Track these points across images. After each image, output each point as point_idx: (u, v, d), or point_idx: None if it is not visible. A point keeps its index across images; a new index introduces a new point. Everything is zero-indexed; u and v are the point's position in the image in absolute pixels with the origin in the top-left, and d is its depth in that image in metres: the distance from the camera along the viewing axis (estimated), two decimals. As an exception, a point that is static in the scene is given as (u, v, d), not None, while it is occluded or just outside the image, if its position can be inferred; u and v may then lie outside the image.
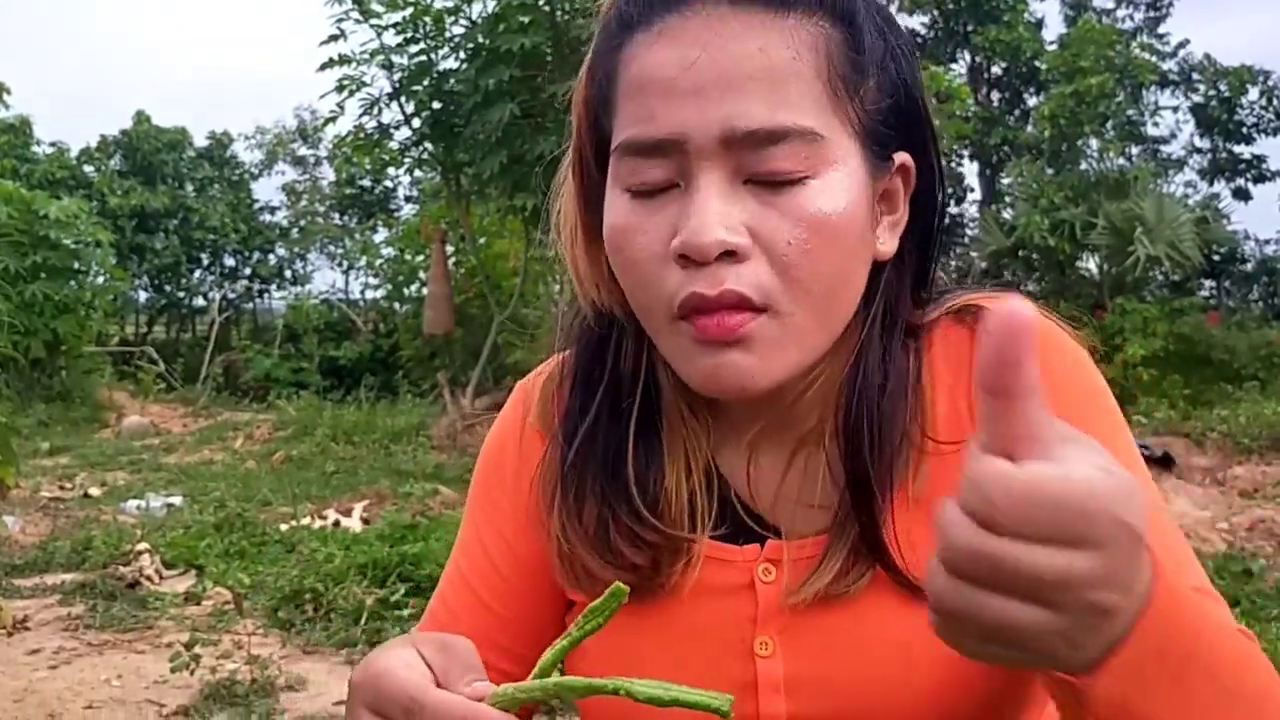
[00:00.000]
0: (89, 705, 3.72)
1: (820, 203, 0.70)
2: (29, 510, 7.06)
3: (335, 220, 20.99)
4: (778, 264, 0.70)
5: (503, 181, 8.30)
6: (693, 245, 0.69)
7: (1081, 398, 0.76)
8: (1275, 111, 17.30)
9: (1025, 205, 13.51)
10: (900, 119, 0.75)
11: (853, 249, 0.72)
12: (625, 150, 0.73)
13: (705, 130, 0.69)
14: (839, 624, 0.77)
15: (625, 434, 0.81)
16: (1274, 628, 4.11)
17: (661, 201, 0.72)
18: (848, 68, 0.71)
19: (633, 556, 0.79)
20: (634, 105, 0.72)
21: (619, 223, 0.74)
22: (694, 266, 0.70)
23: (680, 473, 0.81)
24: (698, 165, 0.70)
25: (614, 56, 0.75)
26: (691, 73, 0.69)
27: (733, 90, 0.69)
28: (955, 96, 10.17)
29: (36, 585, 5.25)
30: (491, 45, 7.89)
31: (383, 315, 16.77)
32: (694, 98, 0.69)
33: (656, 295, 0.73)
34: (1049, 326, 0.79)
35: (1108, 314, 11.98)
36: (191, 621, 4.65)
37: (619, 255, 0.75)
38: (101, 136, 19.40)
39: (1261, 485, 7.01)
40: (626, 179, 0.73)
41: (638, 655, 0.80)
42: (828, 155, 0.70)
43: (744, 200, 0.70)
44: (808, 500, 0.79)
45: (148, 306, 20.19)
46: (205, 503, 7.00)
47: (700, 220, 0.69)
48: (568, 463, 0.82)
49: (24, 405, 11.92)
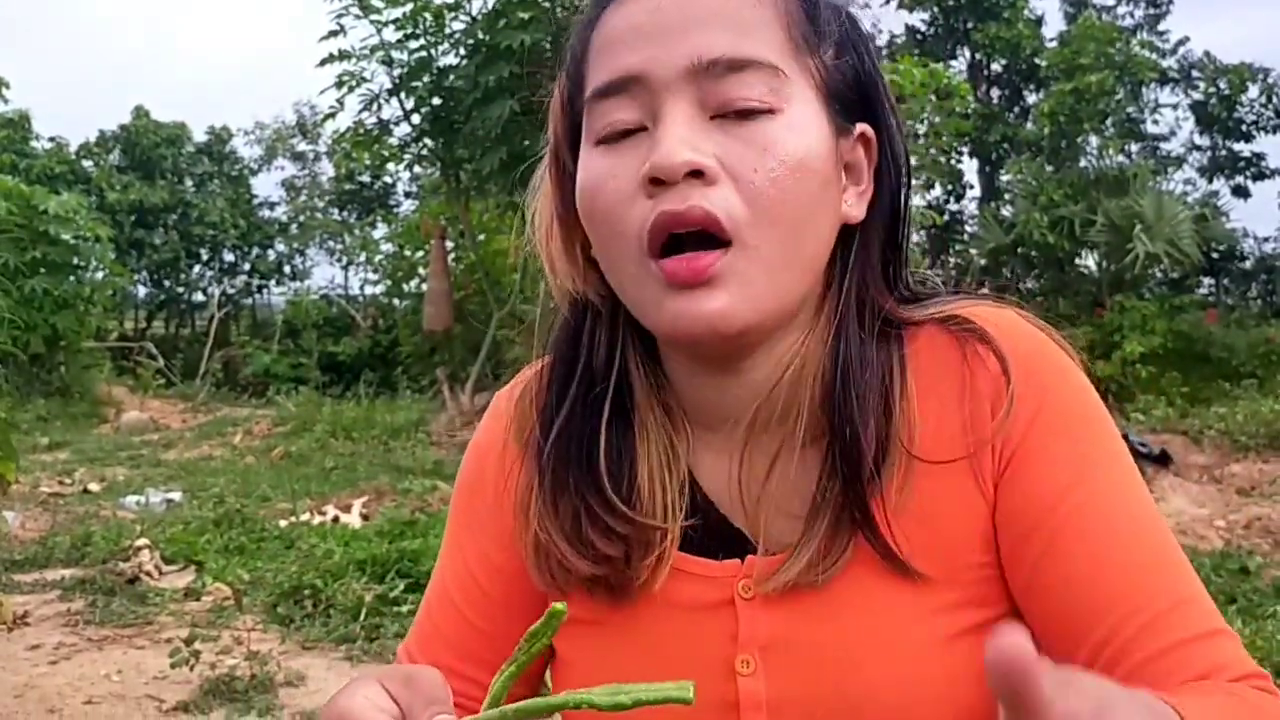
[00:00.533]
0: (89, 700, 3.73)
1: (785, 136, 0.71)
2: (29, 506, 7.07)
3: (334, 216, 20.97)
4: (745, 191, 0.71)
5: (502, 178, 8.30)
6: (660, 165, 0.70)
7: (1081, 426, 0.75)
8: (1275, 109, 17.29)
9: (1024, 202, 13.50)
10: (860, 90, 0.77)
11: (819, 190, 0.73)
12: (593, 98, 0.75)
13: (670, 63, 0.71)
14: (824, 640, 0.75)
15: (598, 425, 0.80)
16: (1270, 624, 4.12)
17: (630, 144, 0.73)
18: (807, 25, 0.74)
19: (605, 548, 0.78)
20: (602, 59, 0.75)
21: (589, 175, 0.75)
22: (663, 189, 0.70)
23: (653, 468, 0.80)
24: (663, 99, 0.72)
25: (587, 33, 0.77)
26: (657, 16, 0.73)
27: (697, 26, 0.72)
28: (955, 93, 10.16)
29: (36, 581, 5.26)
30: (491, 42, 7.88)
31: (382, 311, 16.76)
32: (659, 36, 0.72)
33: (625, 233, 0.73)
34: (1046, 346, 0.77)
35: (1106, 311, 11.99)
36: (191, 617, 4.66)
37: (591, 207, 0.75)
38: (100, 131, 19.38)
39: (1259, 483, 7.02)
40: (596, 130, 0.74)
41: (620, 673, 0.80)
42: (790, 93, 0.72)
43: (711, 132, 0.71)
44: (790, 509, 0.77)
45: (147, 302, 20.17)
46: (205, 498, 7.01)
47: (668, 143, 0.70)
48: (544, 454, 0.82)
49: (23, 400, 11.92)
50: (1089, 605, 0.71)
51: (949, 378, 0.77)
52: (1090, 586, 0.71)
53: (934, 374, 0.77)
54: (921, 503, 0.75)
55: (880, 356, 0.77)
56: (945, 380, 0.77)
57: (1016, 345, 0.76)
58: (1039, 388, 0.75)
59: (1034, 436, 0.74)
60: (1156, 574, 0.71)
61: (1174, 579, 0.72)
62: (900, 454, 0.74)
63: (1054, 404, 0.75)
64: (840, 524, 0.74)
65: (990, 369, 0.75)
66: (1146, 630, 0.70)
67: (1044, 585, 0.73)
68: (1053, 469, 0.74)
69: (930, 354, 0.78)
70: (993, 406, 0.75)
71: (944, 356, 0.77)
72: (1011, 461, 0.74)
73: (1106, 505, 0.73)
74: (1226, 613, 4.31)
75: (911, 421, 0.75)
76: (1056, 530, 0.73)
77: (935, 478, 0.75)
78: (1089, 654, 0.71)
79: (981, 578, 0.75)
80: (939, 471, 0.75)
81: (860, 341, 0.77)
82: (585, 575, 0.79)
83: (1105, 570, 0.71)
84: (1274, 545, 5.68)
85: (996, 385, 0.75)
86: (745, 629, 0.77)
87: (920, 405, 0.76)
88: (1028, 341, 0.77)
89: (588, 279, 0.81)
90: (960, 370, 0.76)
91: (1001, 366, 0.75)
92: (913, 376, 0.77)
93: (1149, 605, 0.70)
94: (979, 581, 0.75)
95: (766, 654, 0.77)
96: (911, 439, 0.75)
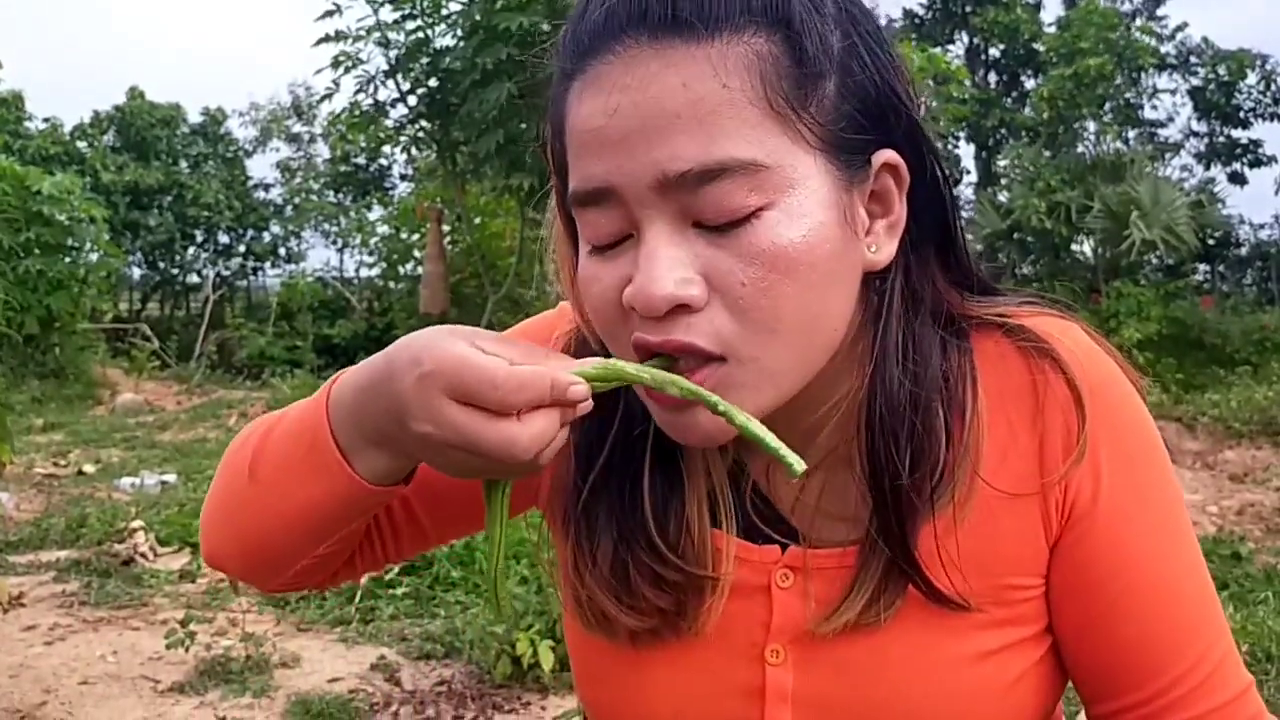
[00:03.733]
0: (84, 681, 3.74)
1: (776, 234, 0.65)
2: (23, 487, 7.07)
3: (330, 198, 20.90)
4: (735, 308, 0.65)
5: (499, 161, 8.26)
6: (641, 300, 0.65)
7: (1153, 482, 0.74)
8: (1273, 96, 17.26)
9: (1021, 188, 13.49)
10: (873, 117, 0.69)
11: (825, 274, 0.67)
12: (574, 203, 0.70)
13: (638, 178, 0.65)
14: (857, 647, 0.74)
15: (640, 464, 0.76)
16: (1261, 610, 4.14)
17: (617, 253, 0.69)
18: (789, 83, 0.65)
19: (655, 600, 0.75)
20: (574, 160, 0.69)
21: (582, 275, 0.71)
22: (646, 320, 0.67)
23: (700, 502, 0.76)
24: (640, 214, 0.66)
25: (561, 106, 0.71)
26: (616, 120, 0.65)
27: (658, 132, 0.64)
28: (953, 78, 10.13)
29: (31, 562, 5.26)
30: (489, 24, 7.83)
31: (377, 294, 16.73)
32: (623, 145, 0.65)
33: (619, 343, 0.70)
34: (1115, 376, 0.75)
35: (1103, 298, 12.00)
36: (186, 599, 4.67)
37: (586, 306, 0.73)
38: (95, 112, 19.26)
39: (1252, 469, 7.05)
40: (585, 234, 0.71)
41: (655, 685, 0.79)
42: (778, 182, 0.65)
43: (693, 243, 0.66)
44: (835, 511, 0.76)
45: (141, 284, 20.11)
46: (200, 480, 7.00)
47: (646, 275, 0.65)
48: (581, 500, 0.78)
49: (18, 382, 11.89)
50: (1139, 664, 0.73)
51: (1019, 400, 0.74)
52: (1143, 648, 0.73)
53: (1002, 392, 0.74)
54: (978, 521, 0.72)
55: (947, 365, 0.73)
56: (1014, 402, 0.74)
57: (1089, 375, 0.73)
58: (1113, 430, 0.73)
59: (1107, 491, 0.73)
60: (1204, 635, 0.74)
61: (1216, 637, 0.74)
62: (964, 476, 0.71)
63: (1128, 455, 0.73)
64: (892, 571, 0.72)
65: (1060, 398, 0.73)
66: (1191, 695, 0.72)
67: (1097, 638, 0.74)
68: (1126, 531, 0.73)
69: (998, 369, 0.75)
70: (1063, 441, 0.72)
71: (1013, 374, 0.74)
72: (1082, 509, 0.73)
73: (1171, 572, 0.74)
74: (1219, 598, 4.35)
75: (979, 442, 0.72)
76: (1121, 593, 0.73)
77: (996, 500, 0.72)
78: (1128, 706, 0.73)
79: (1023, 599, 0.75)
80: (1002, 496, 0.72)
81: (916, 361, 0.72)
82: (634, 629, 0.77)
83: (1162, 635, 0.73)
84: (1266, 531, 5.70)
85: (1067, 418, 0.72)
86: (779, 618, 0.76)
87: (990, 425, 0.73)
88: (1098, 371, 0.74)
89: None
90: (1031, 393, 0.73)
91: (1075, 398, 0.72)
92: (983, 392, 0.73)
93: (1196, 670, 0.72)
94: (1020, 602, 0.75)
95: (796, 648, 0.76)
96: (977, 461, 0.72)
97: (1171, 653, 0.73)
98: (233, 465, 0.79)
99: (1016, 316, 0.76)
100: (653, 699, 0.79)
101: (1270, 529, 5.74)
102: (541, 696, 3.54)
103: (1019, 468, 0.73)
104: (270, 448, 0.76)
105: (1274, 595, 4.34)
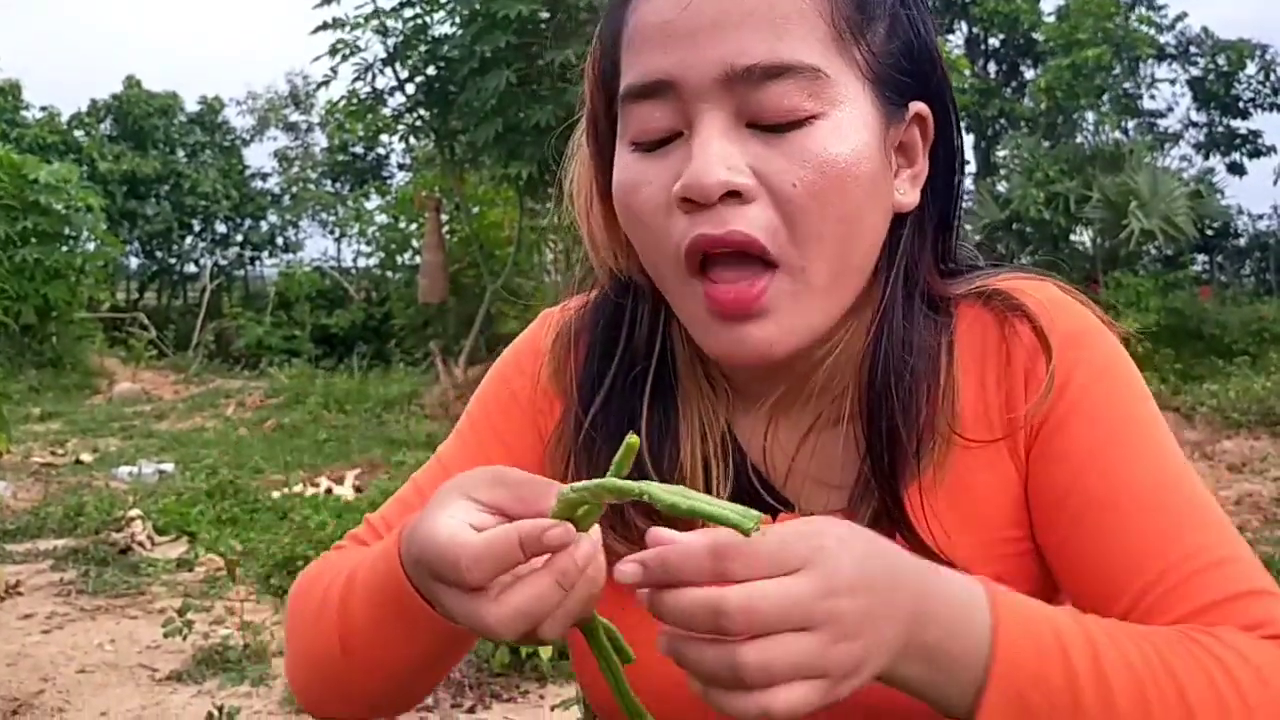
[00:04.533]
0: (81, 669, 3.73)
1: (827, 143, 0.68)
2: (21, 476, 7.06)
3: (327, 187, 20.87)
4: (785, 208, 0.68)
5: (497, 150, 8.24)
6: (694, 186, 0.67)
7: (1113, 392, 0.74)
8: (1272, 86, 17.24)
9: (1020, 178, 13.48)
10: (914, 66, 0.73)
11: (866, 194, 0.70)
12: (627, 98, 0.72)
13: (703, 70, 0.68)
14: None
15: (639, 403, 0.79)
16: (1259, 600, 4.14)
17: (665, 152, 0.70)
18: (853, 9, 0.70)
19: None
20: (635, 55, 0.71)
21: (624, 178, 0.73)
22: (698, 210, 0.68)
23: (695, 441, 0.78)
24: (697, 109, 0.68)
25: (621, 13, 0.74)
26: (688, 14, 0.68)
27: (730, 28, 0.67)
28: (953, 68, 10.11)
29: (29, 550, 5.26)
30: (487, 11, 7.80)
31: (375, 283, 16.71)
32: (690, 39, 0.68)
33: (663, 248, 0.71)
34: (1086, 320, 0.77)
35: (1101, 288, 12.00)
36: (184, 588, 4.67)
37: (626, 212, 0.74)
38: (92, 101, 19.22)
39: (1250, 460, 7.06)
40: (631, 132, 0.72)
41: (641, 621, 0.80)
42: (833, 95, 0.68)
43: (747, 142, 0.68)
44: (824, 478, 0.77)
45: (139, 273, 20.08)
46: (197, 470, 7.00)
47: (702, 161, 0.67)
48: (583, 433, 0.79)
49: (15, 371, 11.89)
50: (1124, 564, 0.70)
51: (990, 356, 0.76)
52: (1125, 546, 0.71)
53: (976, 354, 0.77)
54: (956, 479, 0.74)
55: (928, 340, 0.76)
56: (986, 360, 0.76)
57: (1056, 321, 0.75)
58: (1075, 363, 0.74)
59: (1066, 405, 0.74)
60: (1194, 533, 0.70)
61: (1213, 539, 0.70)
62: (941, 435, 0.74)
63: (1088, 373, 0.74)
64: (880, 520, 0.73)
65: (1025, 344, 0.75)
66: (1181, 587, 0.68)
67: (1078, 548, 0.72)
68: (1086, 433, 0.73)
69: (973, 334, 0.77)
70: (1026, 381, 0.75)
71: (986, 335, 0.77)
72: (1043, 429, 0.74)
73: (1141, 467, 0.72)
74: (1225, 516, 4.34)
75: (954, 403, 0.75)
76: (1089, 492, 0.72)
77: (971, 454, 0.75)
78: (1123, 611, 0.70)
79: (1013, 552, 0.75)
80: (975, 448, 0.74)
81: (905, 327, 0.75)
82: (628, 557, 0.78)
83: (1141, 531, 0.70)
84: (1264, 521, 5.71)
85: (1031, 360, 0.75)
86: None
87: (963, 385, 0.75)
88: (1068, 317, 0.76)
89: (631, 256, 0.79)
90: (1003, 350, 0.76)
91: (1042, 344, 0.75)
92: (958, 357, 0.76)
93: (1185, 564, 0.69)
94: (1009, 557, 0.75)
95: None
96: (953, 420, 0.74)
97: (1157, 547, 0.70)
98: (316, 641, 0.77)
99: (993, 283, 0.79)
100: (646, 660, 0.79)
101: (1268, 519, 5.75)
102: (540, 685, 3.54)
103: (991, 420, 0.75)
104: (354, 618, 0.74)
105: (1272, 585, 4.34)
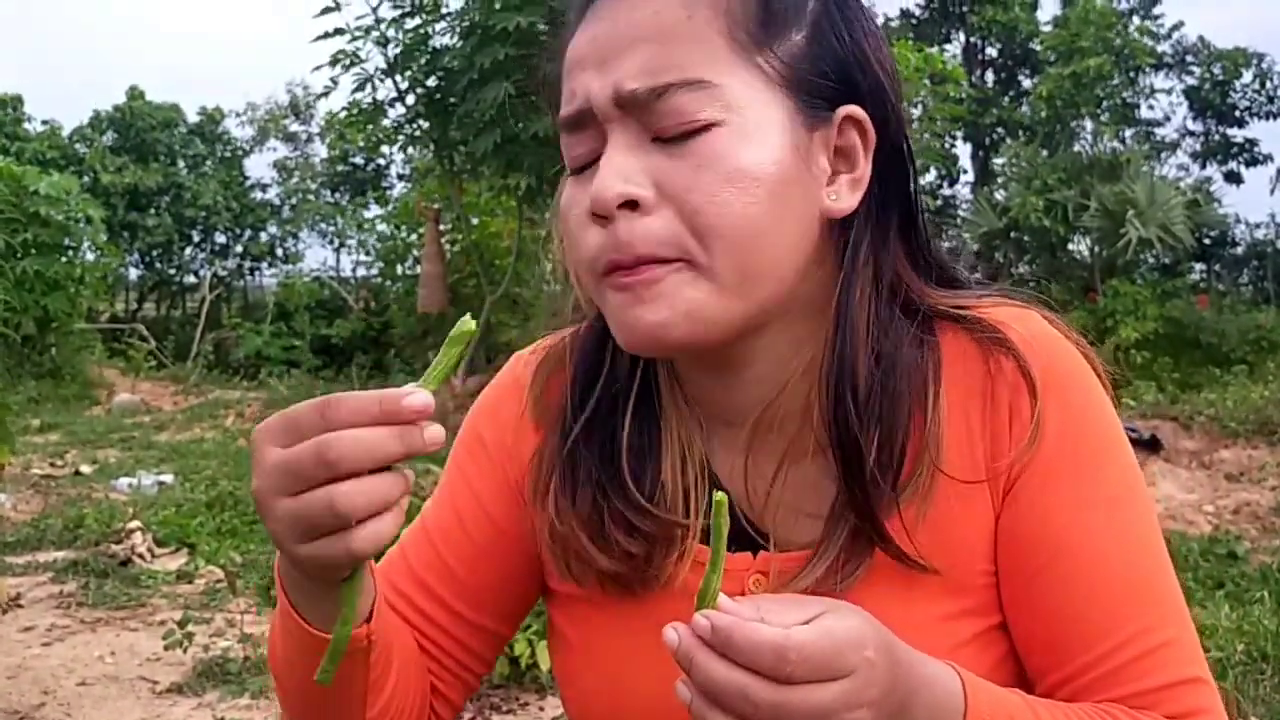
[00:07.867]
0: (82, 682, 3.74)
1: (727, 148, 0.70)
2: (20, 487, 7.06)
3: (327, 198, 20.87)
4: (685, 212, 0.70)
5: (496, 160, 8.25)
6: (596, 199, 0.71)
7: (1093, 454, 0.75)
8: (1268, 95, 17.27)
9: (1018, 187, 13.50)
10: (839, 71, 0.74)
11: (773, 196, 0.71)
12: (560, 130, 0.76)
13: (603, 96, 0.72)
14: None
15: (620, 424, 0.80)
16: (1257, 609, 4.14)
17: (591, 172, 0.73)
18: (755, 23, 0.72)
19: (627, 545, 0.78)
20: (564, 89, 0.76)
21: (562, 203, 0.77)
22: (606, 224, 0.71)
23: (676, 464, 0.80)
24: (608, 130, 0.72)
25: (562, 53, 0.78)
26: (595, 45, 0.73)
27: (624, 54, 0.71)
28: (950, 78, 10.13)
29: (29, 562, 5.26)
30: (487, 23, 7.83)
31: (375, 293, 16.70)
32: (596, 66, 0.73)
33: (583, 259, 0.74)
34: (1070, 361, 0.76)
35: (1099, 296, 12.02)
36: (184, 599, 4.67)
37: (564, 234, 0.77)
38: (95, 112, 19.21)
39: (1247, 469, 7.06)
40: (569, 159, 0.76)
41: (622, 657, 0.81)
42: (729, 101, 0.70)
43: (651, 156, 0.71)
44: (804, 508, 0.77)
45: (139, 284, 20.07)
46: (197, 481, 7.00)
47: (600, 177, 0.71)
48: (565, 450, 0.81)
49: (14, 382, 11.88)
50: (1075, 632, 0.72)
51: (975, 391, 0.76)
52: (1078, 616, 0.72)
53: (962, 388, 0.76)
54: (937, 512, 0.75)
55: (911, 359, 0.76)
56: (973, 396, 0.76)
57: (1038, 357, 0.75)
58: (1058, 409, 0.74)
59: (1043, 456, 0.74)
60: (1146, 611, 0.72)
61: (1162, 617, 0.73)
62: (927, 469, 0.74)
63: (1070, 429, 0.74)
64: (860, 534, 0.74)
65: (1011, 385, 0.75)
66: (1123, 671, 0.71)
67: (1034, 606, 0.74)
68: (1060, 493, 0.74)
69: (959, 364, 0.77)
70: (1011, 421, 0.75)
71: (972, 368, 0.77)
72: (1021, 477, 0.74)
73: (1107, 539, 0.73)
74: (1214, 598, 4.35)
75: (941, 436, 0.75)
76: (1054, 555, 0.73)
77: (954, 490, 0.75)
78: (1064, 678, 0.72)
79: (986, 584, 0.76)
80: (959, 485, 0.75)
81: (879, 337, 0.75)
82: (605, 570, 0.79)
83: (1096, 603, 0.72)
84: (1261, 531, 5.72)
85: (1014, 398, 0.75)
86: None
87: (949, 419, 0.75)
88: (1050, 355, 0.76)
89: None
90: (987, 385, 0.76)
91: (1028, 385, 0.75)
92: (945, 387, 0.76)
93: (1131, 645, 0.71)
94: (984, 589, 0.76)
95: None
96: (939, 454, 0.74)
97: (1107, 624, 0.71)
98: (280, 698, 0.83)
99: (977, 309, 0.78)
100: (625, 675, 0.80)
101: (1266, 528, 5.76)
102: (539, 697, 3.55)
103: (975, 457, 0.75)
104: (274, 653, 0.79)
105: (1269, 594, 4.34)
